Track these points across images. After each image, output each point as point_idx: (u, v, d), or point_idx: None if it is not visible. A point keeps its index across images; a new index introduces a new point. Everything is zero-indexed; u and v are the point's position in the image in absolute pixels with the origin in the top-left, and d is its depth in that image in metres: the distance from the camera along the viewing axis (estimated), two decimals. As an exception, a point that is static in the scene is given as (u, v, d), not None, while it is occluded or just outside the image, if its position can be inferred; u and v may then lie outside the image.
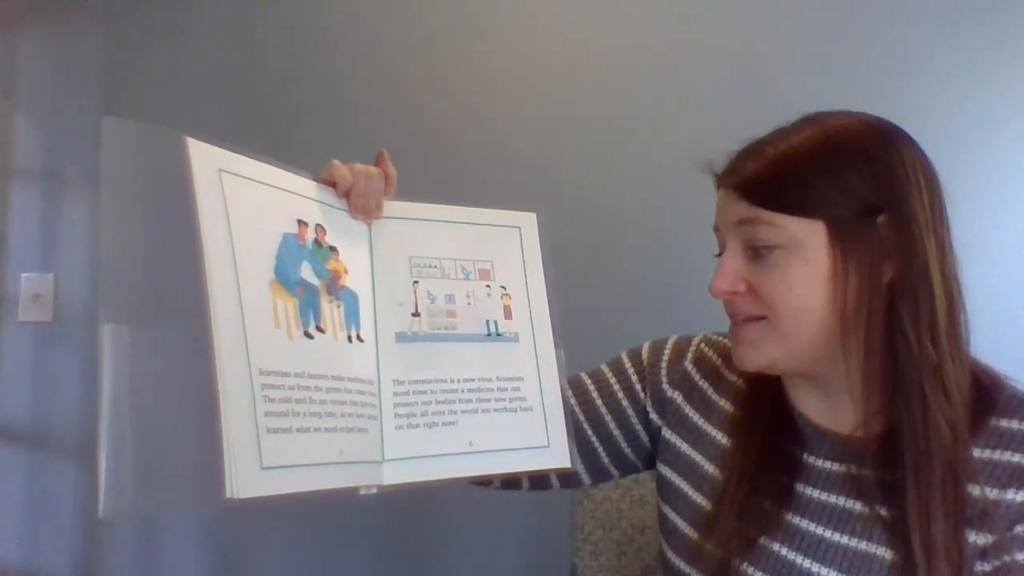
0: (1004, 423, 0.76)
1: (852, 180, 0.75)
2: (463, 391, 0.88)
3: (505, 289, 0.94)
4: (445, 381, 0.87)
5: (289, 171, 0.82)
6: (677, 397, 0.98)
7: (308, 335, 0.76)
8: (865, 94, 1.45)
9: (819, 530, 0.80)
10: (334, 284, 0.81)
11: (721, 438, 0.92)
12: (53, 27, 2.21)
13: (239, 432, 0.66)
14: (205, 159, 0.72)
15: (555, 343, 0.95)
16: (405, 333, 0.87)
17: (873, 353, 0.76)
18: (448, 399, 0.87)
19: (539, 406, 0.91)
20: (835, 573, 0.78)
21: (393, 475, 0.82)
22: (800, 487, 0.83)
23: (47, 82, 2.20)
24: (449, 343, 0.89)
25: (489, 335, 0.92)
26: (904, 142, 0.78)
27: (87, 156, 2.12)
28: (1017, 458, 0.74)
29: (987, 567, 0.73)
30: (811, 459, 0.84)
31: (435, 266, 0.92)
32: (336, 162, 0.85)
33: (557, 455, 0.91)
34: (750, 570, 0.83)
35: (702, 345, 1.01)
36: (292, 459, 0.70)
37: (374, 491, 0.80)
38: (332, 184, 0.85)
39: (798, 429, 0.86)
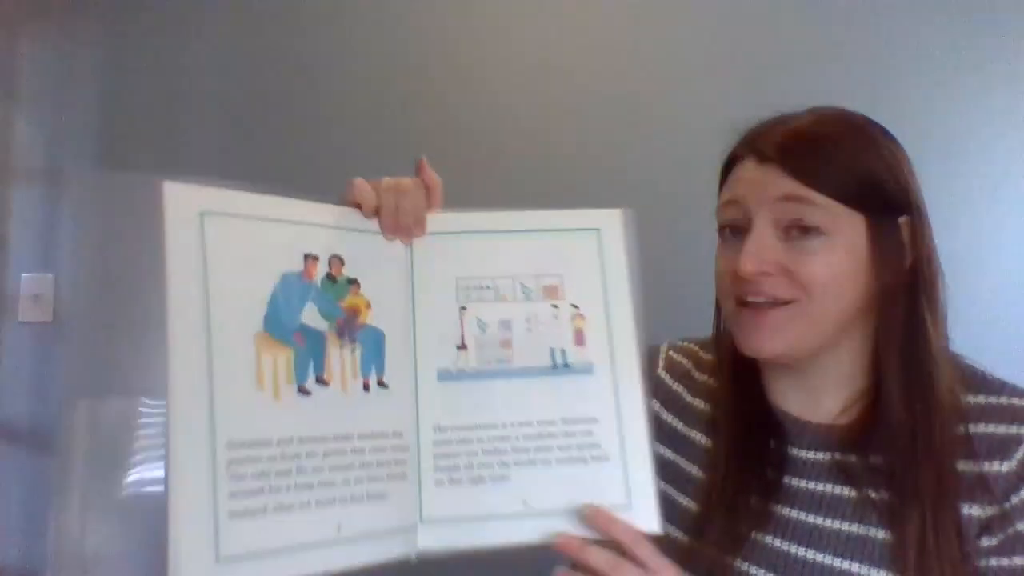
0: (971, 399, 0.78)
1: (893, 181, 0.79)
2: (518, 438, 0.74)
3: (577, 309, 0.78)
4: (495, 426, 0.74)
5: (303, 199, 0.72)
6: (655, 406, 0.94)
7: (303, 391, 0.66)
8: (869, 92, 1.40)
9: (811, 518, 0.80)
10: (350, 324, 0.70)
11: (701, 438, 0.90)
12: (53, 27, 2.20)
13: (190, 520, 0.59)
14: (184, 203, 0.65)
15: (642, 374, 0.78)
16: (448, 370, 0.75)
17: (892, 339, 0.79)
18: (498, 448, 0.74)
19: (618, 454, 0.75)
20: (830, 557, 0.78)
21: (430, 539, 0.71)
22: (787, 479, 0.83)
23: (47, 82, 2.21)
24: (502, 380, 0.76)
25: (554, 367, 0.77)
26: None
27: (87, 156, 2.12)
28: (991, 429, 0.76)
29: (993, 541, 0.74)
30: (794, 451, 0.84)
31: (488, 287, 0.78)
32: (358, 180, 0.75)
33: (641, 516, 0.74)
34: (744, 566, 0.81)
35: (670, 352, 1.00)
36: (264, 544, 0.61)
37: (413, 558, 0.70)
38: (358, 205, 0.74)
39: (777, 423, 0.86)
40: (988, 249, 1.54)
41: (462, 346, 0.75)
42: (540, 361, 0.76)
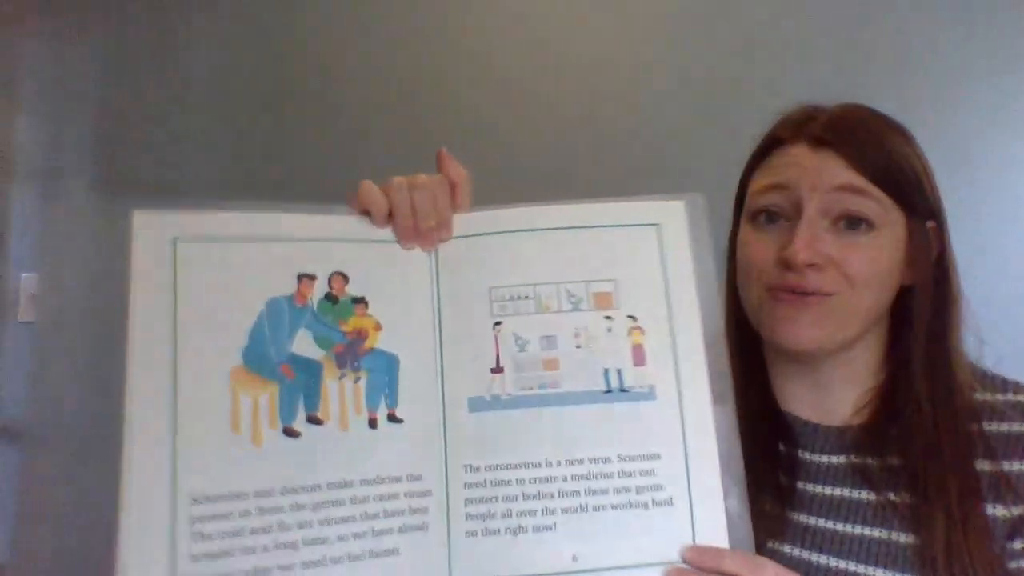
0: (978, 396, 0.77)
1: (929, 184, 0.79)
2: (566, 479, 0.62)
3: (635, 320, 0.65)
4: (539, 465, 0.62)
5: (303, 211, 0.62)
6: None
7: (290, 432, 0.56)
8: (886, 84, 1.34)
9: (830, 524, 0.77)
10: (353, 350, 0.60)
11: None
12: (53, 27, 2.16)
13: None
14: (154, 230, 0.58)
15: (714, 397, 0.64)
16: (482, 398, 0.63)
17: (919, 339, 0.77)
18: (543, 491, 0.62)
19: (684, 498, 0.62)
20: (854, 564, 0.74)
21: None
22: (801, 484, 0.80)
23: (47, 82, 2.17)
24: (546, 408, 0.63)
25: (609, 391, 0.64)
26: None
27: (87, 156, 2.08)
28: (1005, 427, 0.75)
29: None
30: (806, 455, 0.81)
31: (528, 296, 0.65)
32: (366, 183, 0.64)
33: None
34: None
35: None
36: None
37: None
38: (367, 212, 0.64)
39: (786, 426, 0.83)
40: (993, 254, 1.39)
41: (497, 369, 0.64)
42: (591, 384, 0.64)
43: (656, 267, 0.66)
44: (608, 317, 0.65)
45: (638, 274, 0.65)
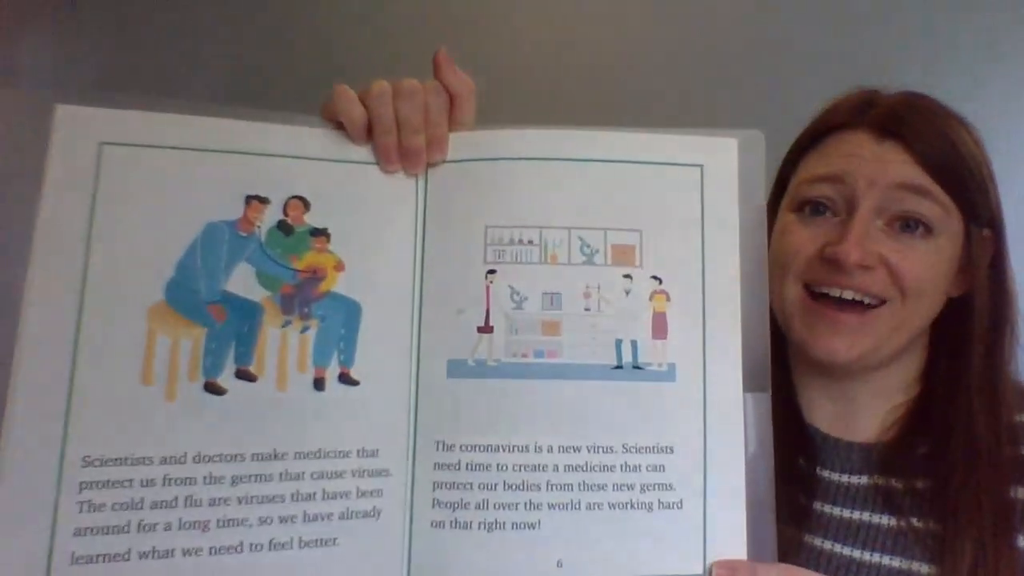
0: (1017, 417, 0.72)
1: (992, 188, 0.73)
2: (557, 468, 0.51)
3: (660, 283, 0.53)
4: (526, 449, 0.51)
5: (262, 120, 0.51)
6: None
7: (213, 388, 0.46)
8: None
9: (846, 550, 0.71)
10: (304, 292, 0.48)
11: None
12: (53, 27, 2.11)
13: (11, 566, 0.42)
14: (79, 129, 0.48)
15: (747, 383, 0.52)
16: (464, 362, 0.52)
17: (975, 356, 0.72)
18: (528, 482, 0.51)
19: (697, 502, 0.51)
20: None
21: None
22: (818, 506, 0.74)
23: (47, 82, 2.09)
24: (541, 381, 0.52)
25: (620, 367, 0.52)
26: None
27: None
28: None
29: None
30: (825, 473, 0.75)
31: (531, 241, 0.53)
32: (342, 88, 0.52)
33: None
34: None
35: None
36: None
37: None
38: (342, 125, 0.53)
39: (807, 441, 0.77)
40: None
41: (485, 327, 0.52)
42: (599, 357, 0.52)
43: (694, 219, 0.53)
44: (627, 276, 0.53)
45: (670, 226, 0.53)
